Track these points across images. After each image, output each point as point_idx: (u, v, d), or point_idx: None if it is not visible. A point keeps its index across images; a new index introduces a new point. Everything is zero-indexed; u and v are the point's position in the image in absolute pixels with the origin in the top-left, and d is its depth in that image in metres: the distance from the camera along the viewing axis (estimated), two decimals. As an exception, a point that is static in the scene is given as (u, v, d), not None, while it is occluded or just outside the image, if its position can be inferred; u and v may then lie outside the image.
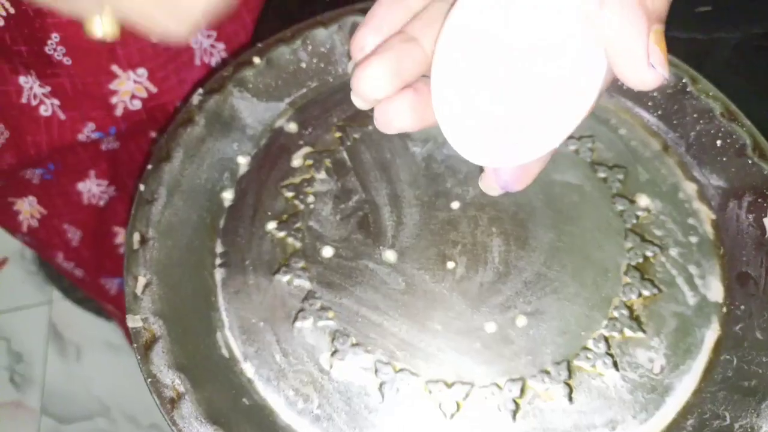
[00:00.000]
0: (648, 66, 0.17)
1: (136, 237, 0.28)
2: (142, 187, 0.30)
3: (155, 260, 0.28)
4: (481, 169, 0.31)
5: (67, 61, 0.37)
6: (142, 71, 0.39)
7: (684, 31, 0.41)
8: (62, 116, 0.39)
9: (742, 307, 0.27)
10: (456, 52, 0.19)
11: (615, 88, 0.35)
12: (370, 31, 0.20)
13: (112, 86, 0.39)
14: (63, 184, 0.46)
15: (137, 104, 0.41)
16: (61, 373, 0.85)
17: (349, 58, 0.37)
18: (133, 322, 0.25)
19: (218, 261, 0.29)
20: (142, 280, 0.26)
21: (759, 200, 0.29)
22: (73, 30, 0.35)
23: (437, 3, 0.21)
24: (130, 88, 0.40)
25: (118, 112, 0.41)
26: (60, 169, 0.45)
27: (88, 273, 0.55)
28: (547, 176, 0.32)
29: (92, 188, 0.47)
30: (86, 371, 0.85)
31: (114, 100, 0.40)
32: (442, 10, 0.20)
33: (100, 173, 0.47)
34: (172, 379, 0.24)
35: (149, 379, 0.24)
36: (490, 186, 0.22)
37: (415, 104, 0.20)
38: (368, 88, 0.19)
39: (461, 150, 0.20)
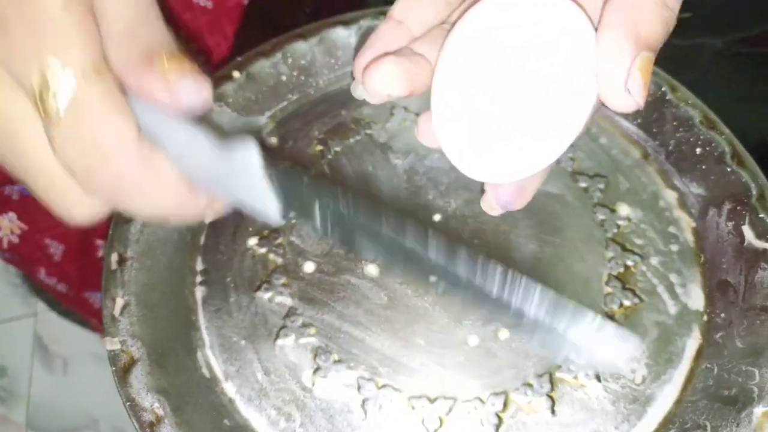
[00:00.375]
0: (624, 90, 0.17)
1: (114, 257, 0.28)
2: (120, 205, 0.29)
3: (134, 280, 0.27)
4: (462, 182, 0.31)
5: None
6: None
7: (663, 38, 0.41)
8: None
9: (723, 315, 0.27)
10: (456, 68, 0.20)
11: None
12: (374, 53, 0.21)
13: None
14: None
15: None
16: (47, 386, 0.84)
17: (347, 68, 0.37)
18: (111, 344, 0.25)
19: (199, 279, 0.29)
20: (120, 302, 0.26)
21: (738, 208, 0.29)
22: None
23: (436, 29, 0.22)
24: None
25: None
26: None
27: (72, 287, 0.54)
28: (528, 186, 0.32)
29: None
30: (73, 384, 0.83)
31: None
32: (443, 33, 0.21)
33: None
34: (151, 403, 0.24)
35: (128, 403, 0.23)
36: (491, 206, 0.22)
37: (405, 69, 0.20)
38: (381, 83, 0.20)
39: (463, 168, 0.20)
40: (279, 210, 0.21)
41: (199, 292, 0.29)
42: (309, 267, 0.29)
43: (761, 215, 0.28)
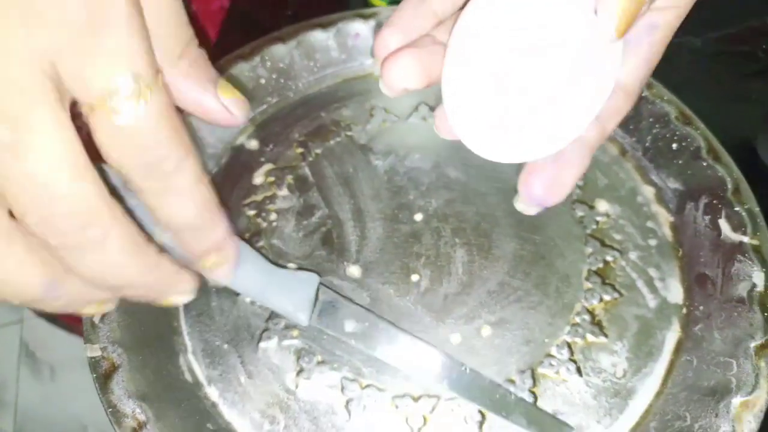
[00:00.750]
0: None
1: (94, 263, 0.27)
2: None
3: (114, 286, 0.27)
4: (443, 181, 0.32)
5: None
6: None
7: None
8: None
9: (701, 308, 0.28)
10: (467, 50, 0.19)
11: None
12: (394, 31, 0.21)
13: None
14: None
15: None
16: (35, 393, 0.83)
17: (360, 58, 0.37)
18: (92, 351, 0.25)
19: (180, 283, 0.29)
20: (100, 308, 0.26)
21: (714, 202, 0.30)
22: None
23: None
24: None
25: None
26: None
27: None
28: (509, 185, 0.32)
29: None
30: (61, 390, 0.83)
31: None
32: None
33: None
34: (132, 409, 0.23)
35: (109, 410, 0.23)
36: (525, 204, 0.21)
37: (422, 61, 0.20)
38: (398, 77, 0.20)
39: (475, 148, 0.20)
40: (308, 317, 0.26)
41: (181, 296, 0.29)
42: (291, 268, 0.29)
43: (737, 208, 0.29)
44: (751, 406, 0.23)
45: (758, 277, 0.27)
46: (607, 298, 0.28)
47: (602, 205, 0.32)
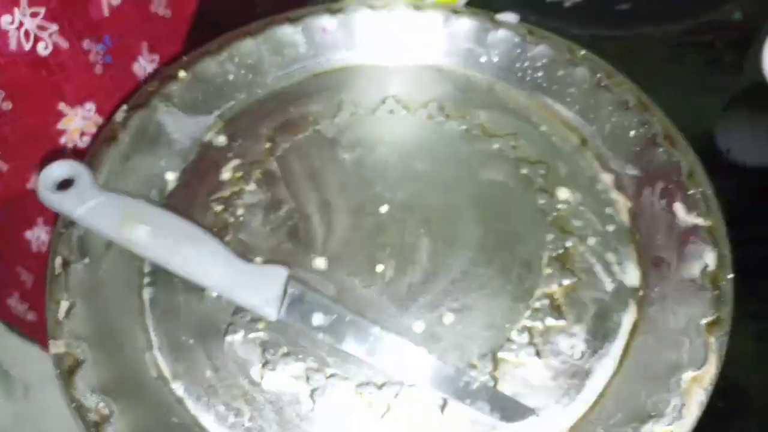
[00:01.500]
0: None
1: (58, 261, 0.28)
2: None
3: (80, 283, 0.27)
4: (410, 174, 0.32)
5: (6, 106, 0.35)
6: (90, 105, 0.38)
7: (605, 29, 0.43)
8: (4, 167, 0.37)
9: (657, 289, 0.28)
10: None
11: (535, 85, 0.36)
12: None
13: (60, 126, 0.37)
14: (9, 233, 0.44)
15: (86, 141, 0.39)
16: (7, 412, 0.82)
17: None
18: (56, 347, 0.25)
19: (146, 280, 0.29)
20: (64, 305, 0.26)
21: (670, 186, 0.31)
22: (13, 70, 0.32)
23: None
24: (79, 125, 0.38)
25: (67, 152, 0.39)
26: (4, 219, 0.43)
27: (41, 315, 0.53)
28: (473, 175, 0.33)
29: (41, 235, 0.45)
30: (35, 409, 0.81)
31: (63, 139, 0.37)
32: None
33: (48, 219, 0.45)
34: (96, 402, 0.24)
35: (72, 404, 0.24)
36: None
37: None
38: None
39: None
40: (277, 312, 0.27)
41: (147, 293, 0.29)
42: (258, 263, 0.30)
43: (691, 192, 0.30)
44: (700, 380, 0.24)
45: (710, 257, 0.27)
46: (566, 282, 0.29)
47: (563, 193, 0.32)
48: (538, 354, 0.27)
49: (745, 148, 0.39)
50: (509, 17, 0.38)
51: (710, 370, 0.24)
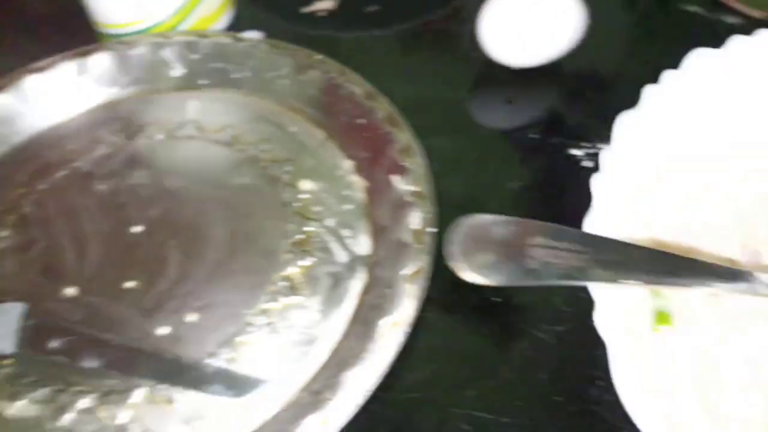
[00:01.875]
0: None
1: None
2: None
3: None
4: (163, 193, 0.34)
5: None
6: None
7: (348, 32, 0.47)
8: None
9: (381, 253, 0.32)
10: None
11: (284, 92, 0.40)
12: None
13: None
14: None
15: None
16: None
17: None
18: None
19: None
20: None
21: (390, 161, 0.34)
22: None
23: None
24: None
25: None
26: None
27: None
28: (224, 184, 0.35)
29: None
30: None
31: None
32: None
33: None
34: None
35: None
36: None
37: None
38: None
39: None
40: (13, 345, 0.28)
41: None
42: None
43: (404, 163, 0.34)
44: (401, 324, 0.27)
45: (417, 217, 0.31)
46: (305, 263, 0.32)
47: (306, 184, 0.35)
48: (275, 332, 0.29)
49: (498, 117, 0.43)
50: (254, 35, 0.41)
51: (407, 313, 0.28)
